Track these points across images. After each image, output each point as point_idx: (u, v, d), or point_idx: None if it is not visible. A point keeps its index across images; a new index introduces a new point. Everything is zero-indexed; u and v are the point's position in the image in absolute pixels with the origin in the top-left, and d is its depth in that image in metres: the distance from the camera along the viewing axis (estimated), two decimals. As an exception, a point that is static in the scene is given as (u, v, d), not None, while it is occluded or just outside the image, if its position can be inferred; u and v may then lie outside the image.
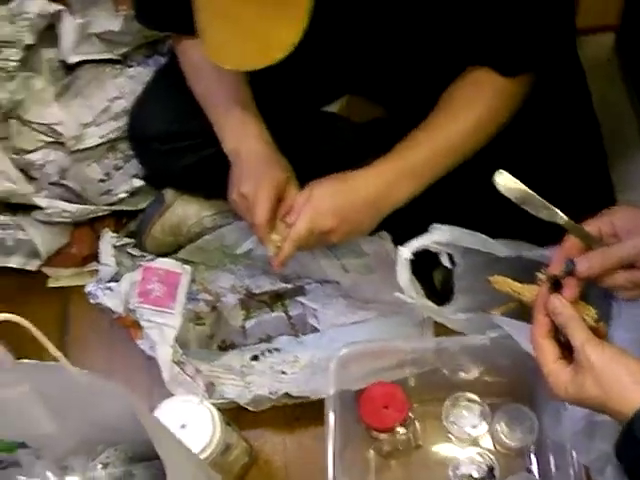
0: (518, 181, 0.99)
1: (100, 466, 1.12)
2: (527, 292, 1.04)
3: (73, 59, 1.77)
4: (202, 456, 1.29)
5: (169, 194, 1.65)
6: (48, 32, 1.79)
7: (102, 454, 1.13)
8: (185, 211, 1.64)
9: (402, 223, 1.39)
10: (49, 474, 1.11)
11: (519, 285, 1.05)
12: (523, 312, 1.10)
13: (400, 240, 1.37)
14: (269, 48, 1.08)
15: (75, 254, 1.75)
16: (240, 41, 1.09)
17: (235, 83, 1.42)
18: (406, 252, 1.27)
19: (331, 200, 1.30)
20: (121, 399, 1.01)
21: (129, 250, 1.65)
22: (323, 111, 1.68)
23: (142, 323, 1.49)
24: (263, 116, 1.42)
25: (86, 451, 1.14)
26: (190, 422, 1.32)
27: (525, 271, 1.07)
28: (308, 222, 1.29)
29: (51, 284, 1.76)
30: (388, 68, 1.43)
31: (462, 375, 1.46)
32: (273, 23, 1.06)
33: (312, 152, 1.54)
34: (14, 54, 1.74)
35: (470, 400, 1.48)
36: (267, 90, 1.43)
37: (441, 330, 1.45)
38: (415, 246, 1.28)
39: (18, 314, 1.58)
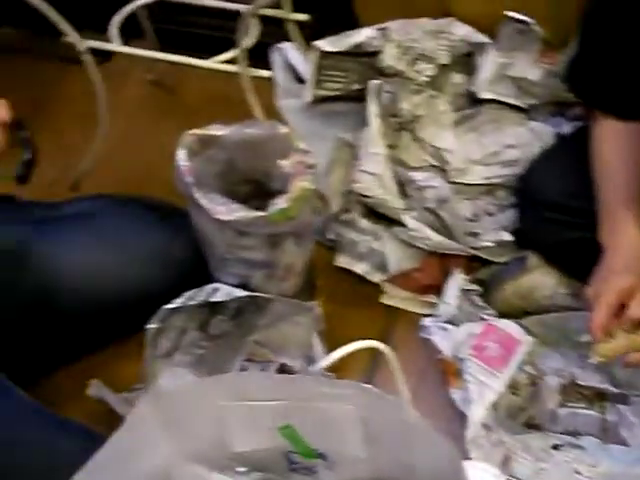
0: None
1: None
2: None
3: (484, 95, 1.91)
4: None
5: (533, 259, 1.75)
6: (463, 58, 1.95)
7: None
8: (542, 281, 1.74)
9: None
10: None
11: None
12: None
13: None
14: None
15: (418, 280, 1.87)
16: None
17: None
18: None
19: None
20: (440, 451, 1.11)
21: (473, 297, 1.76)
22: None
23: (466, 376, 1.59)
24: None
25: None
26: (483, 492, 1.40)
27: None
28: None
29: (384, 300, 1.90)
30: None
31: None
32: None
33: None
34: (428, 69, 1.91)
35: None
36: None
37: None
38: None
39: (344, 318, 1.77)
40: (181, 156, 1.58)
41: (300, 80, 1.96)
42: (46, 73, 2.62)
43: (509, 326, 1.67)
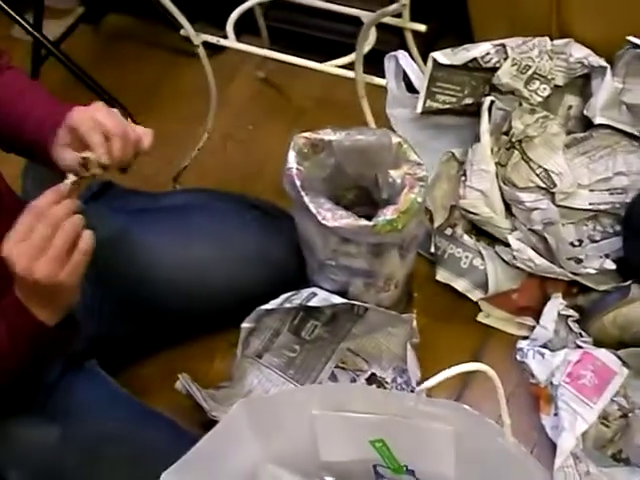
0: None
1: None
2: None
3: (598, 120, 1.89)
4: None
5: (636, 290, 1.74)
6: (578, 80, 1.96)
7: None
8: (643, 313, 1.74)
9: None
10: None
11: None
12: None
13: None
14: None
15: (515, 301, 1.88)
16: None
17: None
18: None
19: None
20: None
21: (569, 322, 1.76)
22: None
23: (559, 403, 1.58)
24: None
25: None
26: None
27: None
28: None
29: (480, 319, 1.92)
30: None
31: None
32: None
33: None
34: (543, 90, 1.91)
35: None
36: None
37: None
38: None
39: (438, 332, 1.78)
40: (291, 158, 1.60)
41: (412, 90, 1.96)
42: (156, 62, 2.70)
43: (606, 356, 1.66)
